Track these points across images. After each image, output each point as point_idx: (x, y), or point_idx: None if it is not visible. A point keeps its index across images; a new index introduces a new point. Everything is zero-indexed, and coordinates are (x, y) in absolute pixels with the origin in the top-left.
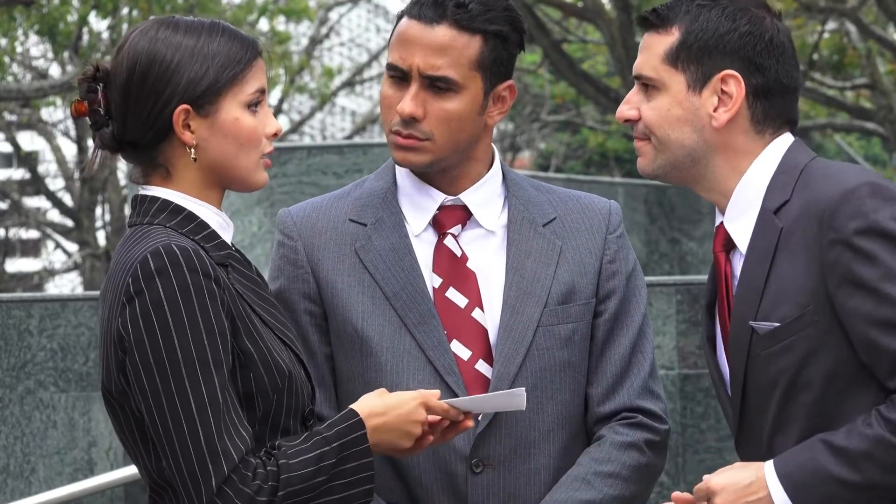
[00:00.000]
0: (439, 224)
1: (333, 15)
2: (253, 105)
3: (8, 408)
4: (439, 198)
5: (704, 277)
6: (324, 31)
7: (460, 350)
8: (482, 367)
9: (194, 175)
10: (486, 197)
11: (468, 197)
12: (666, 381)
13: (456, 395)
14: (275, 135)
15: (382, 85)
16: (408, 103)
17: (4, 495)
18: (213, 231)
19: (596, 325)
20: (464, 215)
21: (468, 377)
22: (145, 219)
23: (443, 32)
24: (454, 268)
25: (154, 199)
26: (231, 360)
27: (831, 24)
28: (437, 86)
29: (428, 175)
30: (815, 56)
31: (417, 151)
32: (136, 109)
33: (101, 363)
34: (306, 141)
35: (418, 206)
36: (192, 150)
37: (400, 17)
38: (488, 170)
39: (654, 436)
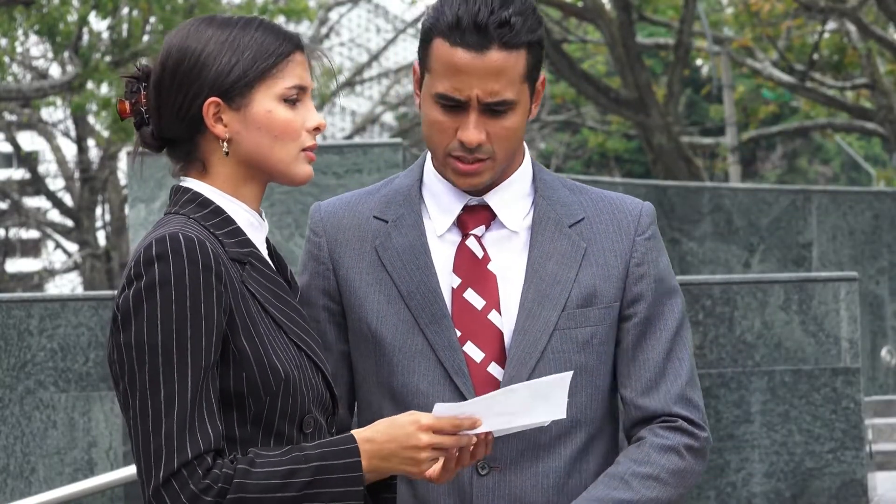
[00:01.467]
0: (463, 224)
1: (333, 15)
2: (290, 99)
3: (8, 408)
4: (464, 198)
5: (704, 277)
6: (324, 31)
7: (473, 352)
8: (494, 369)
9: (229, 169)
10: (511, 197)
11: (492, 198)
12: None
13: (463, 397)
14: (317, 129)
15: (430, 110)
16: (473, 133)
17: (4, 495)
18: (238, 228)
19: (625, 330)
20: (488, 216)
21: (479, 379)
22: (174, 208)
23: (495, 57)
24: (474, 269)
25: (187, 189)
26: (217, 355)
27: (831, 24)
28: (496, 109)
29: None
30: (815, 56)
31: (482, 173)
32: (168, 104)
33: (107, 347)
34: None
35: (443, 206)
36: (225, 144)
37: (428, 37)
38: (516, 170)
39: (694, 441)
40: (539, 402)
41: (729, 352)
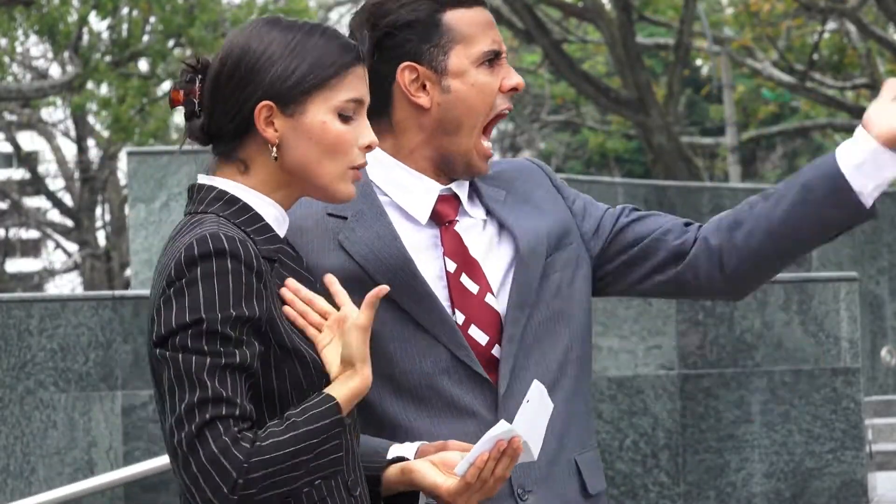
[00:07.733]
0: (436, 214)
1: (333, 15)
2: (346, 113)
3: (8, 408)
4: (436, 188)
5: None
6: None
7: (478, 335)
8: (497, 351)
9: (272, 174)
10: (466, 187)
11: (458, 187)
12: (666, 381)
13: (469, 367)
14: (368, 147)
15: (481, 76)
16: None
17: (4, 495)
18: (267, 224)
19: (609, 241)
20: (457, 204)
21: (480, 357)
22: (200, 207)
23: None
24: (463, 254)
25: (211, 188)
26: (259, 352)
27: (831, 24)
28: None
29: (424, 167)
30: (815, 56)
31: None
32: (222, 101)
33: (147, 344)
34: None
35: (416, 195)
36: (274, 149)
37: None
38: None
39: None
40: (528, 437)
41: (729, 352)
